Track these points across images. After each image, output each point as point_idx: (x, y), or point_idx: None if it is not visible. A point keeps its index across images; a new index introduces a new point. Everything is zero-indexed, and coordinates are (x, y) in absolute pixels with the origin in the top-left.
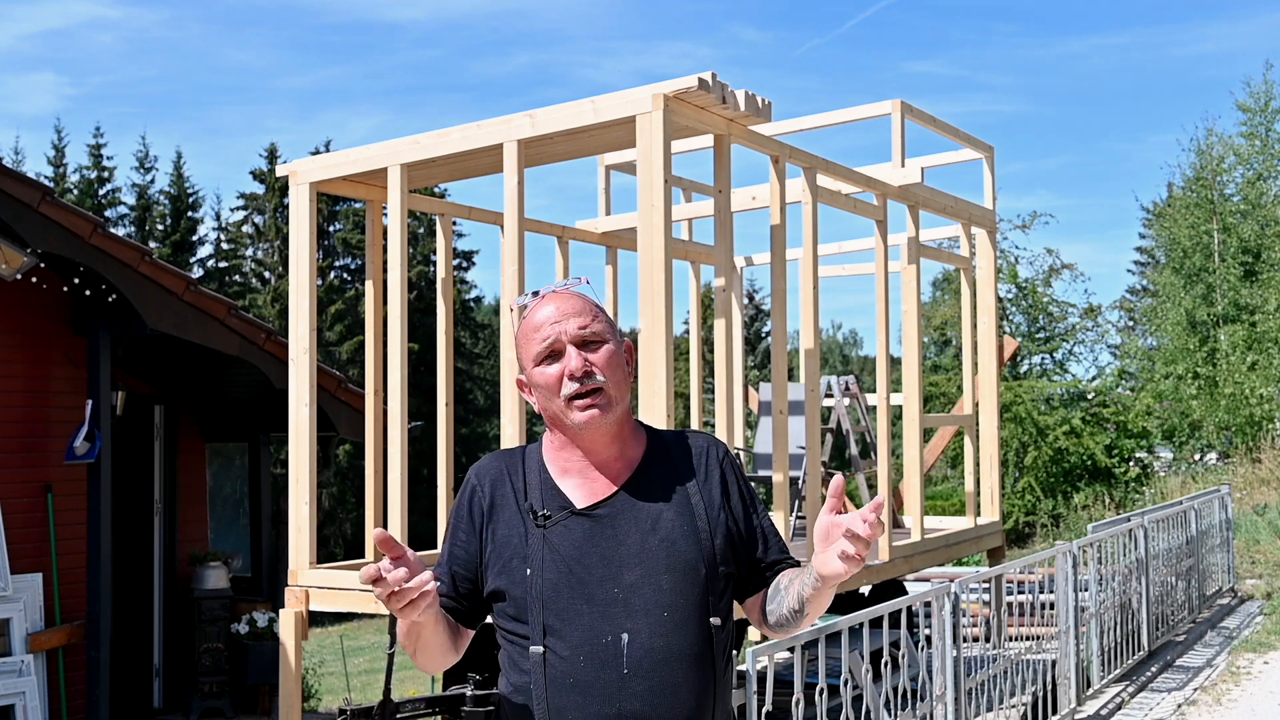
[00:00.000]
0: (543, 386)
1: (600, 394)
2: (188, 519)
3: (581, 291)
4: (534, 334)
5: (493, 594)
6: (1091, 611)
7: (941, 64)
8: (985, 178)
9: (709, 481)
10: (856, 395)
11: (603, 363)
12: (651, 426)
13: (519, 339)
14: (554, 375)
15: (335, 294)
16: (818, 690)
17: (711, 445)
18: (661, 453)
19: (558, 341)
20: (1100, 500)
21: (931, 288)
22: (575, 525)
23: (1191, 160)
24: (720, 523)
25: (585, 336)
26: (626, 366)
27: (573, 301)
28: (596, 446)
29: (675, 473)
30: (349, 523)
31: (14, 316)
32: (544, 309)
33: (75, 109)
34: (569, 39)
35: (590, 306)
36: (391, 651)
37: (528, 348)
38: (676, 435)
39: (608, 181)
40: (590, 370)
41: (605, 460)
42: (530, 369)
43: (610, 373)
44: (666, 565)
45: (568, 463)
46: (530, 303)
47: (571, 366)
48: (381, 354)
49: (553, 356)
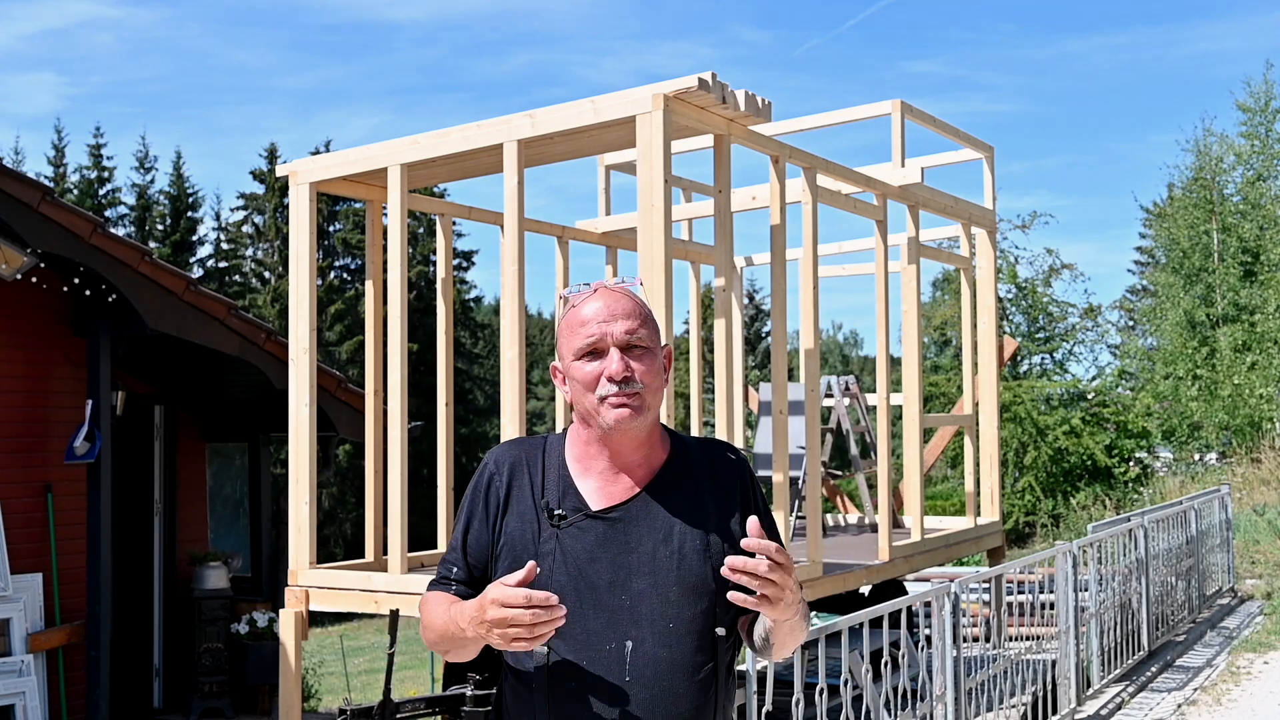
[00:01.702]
0: (579, 381)
1: (636, 398)
2: (188, 519)
3: (634, 292)
4: (579, 328)
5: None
6: (1091, 611)
7: (941, 64)
8: (985, 178)
9: (727, 496)
10: (856, 395)
11: (644, 370)
12: (678, 433)
13: (563, 328)
14: (592, 373)
15: (335, 294)
16: (818, 690)
17: (736, 461)
18: (684, 461)
19: (602, 340)
20: (1100, 500)
21: (931, 288)
22: (589, 528)
23: (1191, 160)
24: (732, 537)
25: (631, 341)
26: (664, 373)
27: (624, 303)
28: (623, 450)
29: (695, 483)
30: (349, 523)
31: (14, 316)
32: (593, 304)
33: (75, 109)
34: (569, 39)
35: (640, 310)
36: (391, 651)
37: (571, 340)
38: (703, 445)
39: (608, 181)
40: (630, 376)
41: (629, 464)
42: (569, 361)
43: (649, 380)
44: (676, 576)
45: (590, 461)
46: (581, 293)
47: (612, 369)
48: (381, 354)
49: (594, 354)
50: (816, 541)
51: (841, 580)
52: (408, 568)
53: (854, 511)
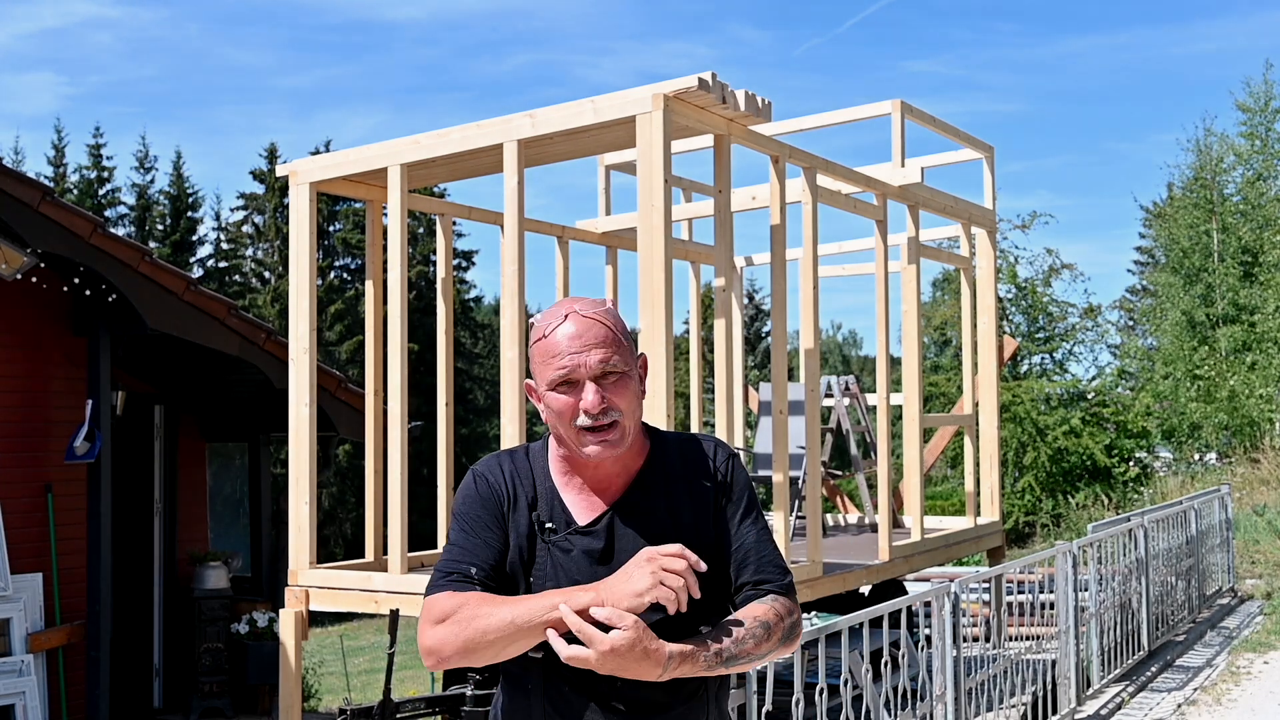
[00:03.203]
0: (555, 411)
1: (614, 428)
2: (188, 519)
3: (607, 312)
4: (551, 358)
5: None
6: (1091, 611)
7: (941, 63)
8: (985, 178)
9: (702, 495)
10: (856, 395)
11: (621, 399)
12: (657, 431)
13: (534, 354)
14: (569, 404)
15: (335, 294)
16: (818, 690)
17: (714, 453)
18: (661, 462)
19: (575, 372)
20: (1100, 500)
21: (931, 288)
22: (576, 541)
23: (1191, 160)
24: (707, 537)
25: (605, 369)
26: (641, 385)
27: (595, 329)
28: (602, 465)
29: (671, 483)
30: (349, 523)
31: (14, 316)
32: (565, 329)
33: (74, 108)
34: (568, 39)
35: (613, 335)
36: (391, 651)
37: (543, 370)
38: (680, 441)
39: (608, 181)
40: (607, 408)
41: (608, 475)
42: (543, 389)
43: (626, 406)
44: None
45: (570, 476)
46: (549, 319)
47: (588, 404)
48: (381, 354)
49: (569, 385)
50: (816, 541)
51: (841, 580)
52: (408, 568)
53: (854, 511)
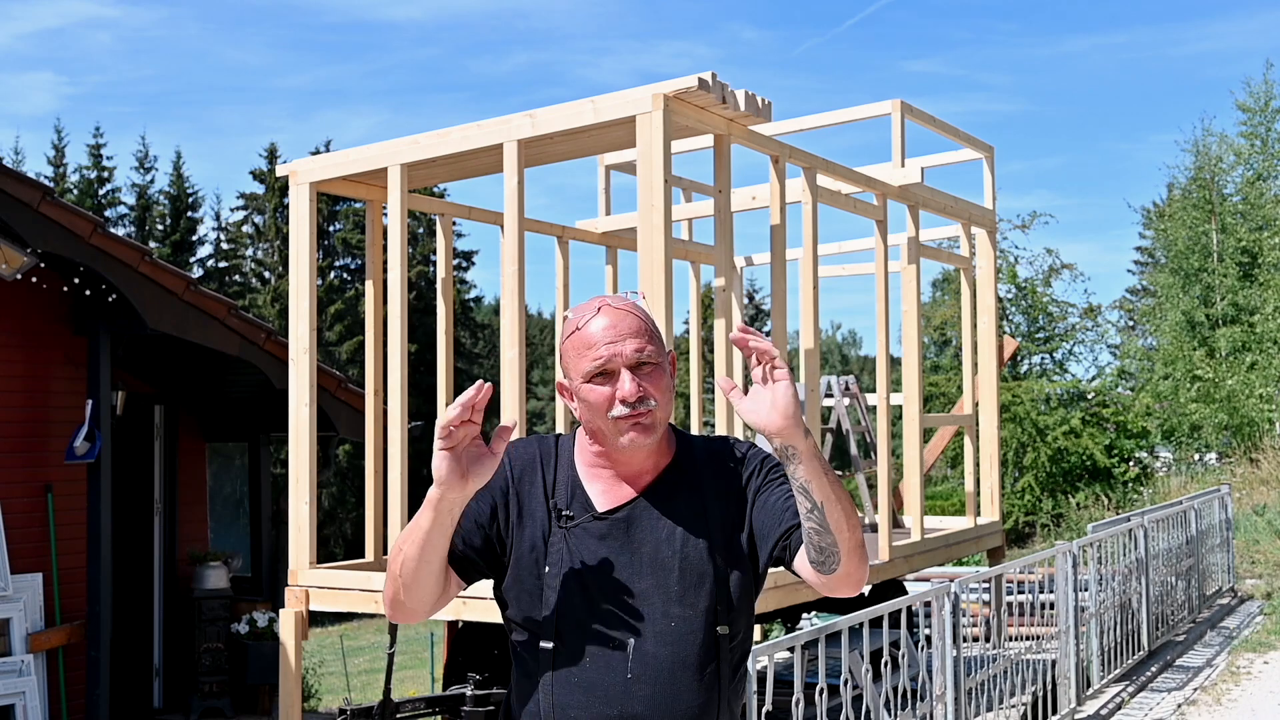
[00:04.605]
0: (591, 404)
1: (648, 415)
2: (188, 519)
3: (638, 305)
4: (587, 350)
5: (506, 586)
6: (1091, 611)
7: (940, 63)
8: (985, 178)
9: (730, 496)
10: (856, 395)
11: (656, 388)
12: (683, 433)
13: (567, 348)
14: (605, 395)
15: (335, 294)
16: (818, 690)
17: (740, 456)
18: (688, 462)
19: (611, 362)
20: (1100, 500)
21: (931, 288)
22: (595, 528)
23: (1190, 160)
24: (734, 538)
25: (640, 359)
26: (671, 380)
27: (629, 320)
28: (633, 459)
29: (699, 481)
30: (349, 523)
31: (14, 316)
32: (598, 321)
33: (74, 108)
34: (568, 39)
35: (646, 327)
36: (391, 651)
37: (578, 362)
38: (708, 444)
39: (608, 181)
40: (644, 396)
41: (636, 470)
42: (578, 383)
43: (660, 396)
44: (678, 576)
45: (598, 469)
46: (584, 312)
47: (625, 392)
48: (381, 354)
49: (605, 375)
50: None
51: None
52: None
53: None
